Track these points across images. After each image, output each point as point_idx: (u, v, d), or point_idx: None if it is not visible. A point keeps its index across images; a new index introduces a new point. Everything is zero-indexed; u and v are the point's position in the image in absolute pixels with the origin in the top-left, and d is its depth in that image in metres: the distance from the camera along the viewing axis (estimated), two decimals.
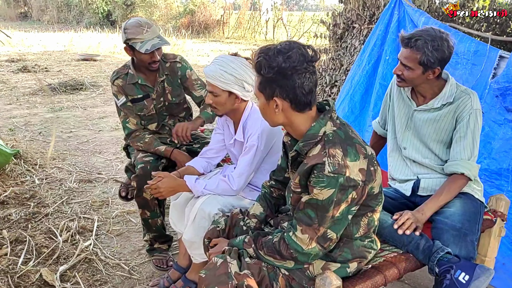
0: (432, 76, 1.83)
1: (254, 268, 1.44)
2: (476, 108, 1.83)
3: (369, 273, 1.52)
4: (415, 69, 1.81)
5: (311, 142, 1.35)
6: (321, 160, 1.29)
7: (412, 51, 1.79)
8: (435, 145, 1.94)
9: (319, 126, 1.36)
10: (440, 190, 1.84)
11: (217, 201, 1.92)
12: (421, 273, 2.41)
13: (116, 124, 5.38)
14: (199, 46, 13.72)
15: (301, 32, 16.84)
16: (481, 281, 1.48)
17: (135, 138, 2.46)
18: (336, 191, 1.28)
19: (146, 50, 2.26)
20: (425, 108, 1.93)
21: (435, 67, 1.79)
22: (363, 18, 4.56)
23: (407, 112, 2.01)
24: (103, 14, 20.14)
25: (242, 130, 1.97)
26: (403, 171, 2.07)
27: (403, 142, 2.03)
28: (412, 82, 1.87)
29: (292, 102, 1.34)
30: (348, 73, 3.96)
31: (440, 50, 1.76)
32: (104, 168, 3.96)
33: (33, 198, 3.19)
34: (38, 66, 9.09)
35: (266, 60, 1.30)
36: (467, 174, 1.81)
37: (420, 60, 1.78)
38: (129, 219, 3.02)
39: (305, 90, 1.31)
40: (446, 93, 1.87)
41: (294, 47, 1.30)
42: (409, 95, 1.99)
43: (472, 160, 1.84)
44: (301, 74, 1.30)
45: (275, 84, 1.32)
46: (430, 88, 1.90)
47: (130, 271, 2.42)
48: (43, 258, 2.44)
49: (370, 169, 1.35)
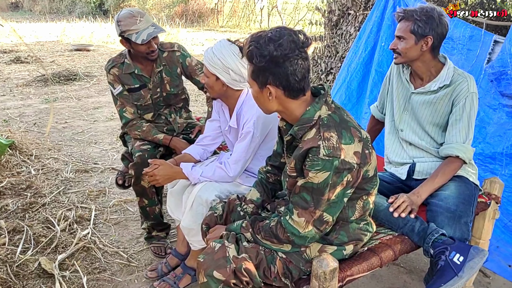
0: (425, 47, 1.84)
1: (251, 251, 1.46)
2: (473, 92, 1.84)
3: (365, 255, 1.54)
4: (407, 38, 1.84)
5: (306, 126, 1.36)
6: (316, 143, 1.30)
7: (404, 21, 1.85)
8: (431, 127, 1.95)
9: (314, 110, 1.36)
10: (435, 173, 1.86)
11: (214, 188, 1.93)
12: (416, 257, 2.44)
13: (112, 114, 5.36)
14: (193, 35, 13.60)
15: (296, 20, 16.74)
16: (475, 262, 1.50)
17: (132, 127, 2.46)
18: (331, 174, 1.29)
19: (142, 41, 2.23)
20: (422, 91, 1.94)
21: (427, 34, 1.81)
22: (358, 4, 4.54)
23: (405, 95, 2.03)
24: (95, 3, 19.89)
25: (236, 117, 1.97)
26: (399, 153, 2.09)
27: (400, 124, 2.05)
28: (406, 56, 1.88)
29: (285, 89, 1.34)
30: (344, 60, 3.96)
31: (430, 18, 1.80)
32: (100, 158, 3.95)
33: (29, 189, 3.18)
34: (31, 57, 8.99)
35: (258, 48, 1.30)
36: (462, 157, 1.83)
37: (411, 28, 1.82)
38: (127, 207, 3.03)
39: (297, 76, 1.31)
40: (444, 75, 1.88)
41: (285, 34, 1.29)
42: (407, 78, 2.01)
43: (467, 143, 1.86)
44: (293, 61, 1.29)
45: (267, 73, 1.32)
46: (427, 69, 1.91)
47: (129, 259, 2.44)
48: (41, 247, 2.45)
49: (365, 152, 1.36)
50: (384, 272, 2.33)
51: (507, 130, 2.64)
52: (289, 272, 1.46)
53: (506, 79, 2.61)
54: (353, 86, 3.59)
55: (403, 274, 2.34)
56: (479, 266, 1.50)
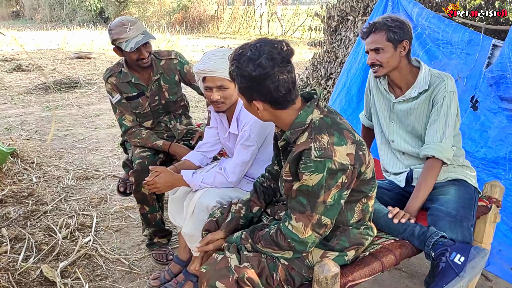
0: (403, 52, 1.85)
1: (253, 260, 1.46)
2: (450, 91, 1.84)
3: (366, 260, 1.54)
4: (385, 47, 1.84)
5: (299, 130, 1.38)
6: (308, 146, 1.31)
7: (376, 33, 1.86)
8: (420, 132, 1.95)
9: (305, 114, 1.38)
10: (418, 186, 1.84)
11: (215, 194, 1.93)
12: (418, 261, 2.44)
13: (112, 121, 5.38)
14: (193, 42, 13.66)
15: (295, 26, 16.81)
16: (477, 261, 1.50)
17: (132, 135, 2.47)
18: (324, 175, 1.29)
19: (131, 48, 2.24)
20: (403, 99, 1.95)
21: (403, 39, 1.83)
22: (357, 10, 4.56)
23: (388, 105, 2.04)
24: (96, 11, 20.01)
25: (236, 123, 1.97)
26: (394, 164, 2.09)
27: (390, 135, 2.05)
28: (388, 65, 1.87)
29: (271, 103, 1.36)
30: (343, 66, 3.97)
31: (402, 23, 1.83)
32: (101, 165, 3.96)
33: (31, 196, 3.19)
34: (32, 65, 9.04)
35: (238, 68, 1.32)
36: (438, 156, 1.81)
37: (387, 36, 1.83)
38: (128, 214, 3.03)
39: (281, 91, 1.32)
40: (421, 80, 1.89)
41: (264, 51, 1.29)
42: (386, 88, 2.02)
43: (444, 142, 1.83)
44: (274, 78, 1.30)
45: (251, 90, 1.34)
46: (403, 77, 1.92)
47: (130, 266, 2.43)
48: (43, 255, 2.45)
49: (359, 153, 1.36)
50: (386, 277, 2.33)
51: (508, 134, 2.63)
52: (292, 279, 1.46)
53: (506, 83, 2.61)
54: (353, 91, 3.59)
55: (405, 278, 2.34)
56: (481, 266, 1.50)
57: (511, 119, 2.69)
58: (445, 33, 3.07)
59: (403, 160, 2.05)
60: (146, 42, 2.29)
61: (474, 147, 2.80)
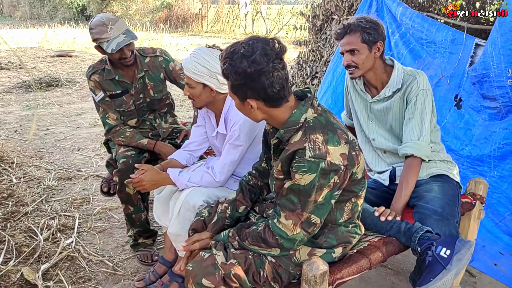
0: (378, 53, 1.86)
1: (240, 257, 1.44)
2: (423, 89, 1.86)
3: (354, 257, 1.54)
4: (360, 49, 1.85)
5: (292, 129, 1.36)
6: (302, 145, 1.30)
7: (351, 35, 1.86)
8: (398, 131, 1.97)
9: (300, 113, 1.36)
10: (400, 186, 1.85)
11: (201, 193, 1.90)
12: (403, 258, 2.46)
13: (95, 120, 5.28)
14: (177, 41, 13.55)
15: (280, 25, 16.84)
16: (463, 253, 1.51)
17: (116, 133, 2.42)
18: (317, 175, 1.29)
19: (112, 50, 2.19)
20: (379, 99, 1.97)
21: (377, 40, 1.84)
22: (342, 9, 4.59)
23: (365, 105, 2.05)
24: (78, 9, 19.67)
25: (224, 122, 1.95)
26: (377, 163, 2.11)
27: (370, 134, 2.07)
28: (364, 66, 1.88)
29: (265, 100, 1.34)
30: (328, 64, 3.98)
31: (376, 24, 1.84)
32: (84, 165, 3.88)
33: (11, 197, 3.10)
34: (11, 63, 8.82)
35: (232, 66, 1.29)
36: (417, 154, 1.83)
37: (362, 38, 1.83)
38: (111, 215, 2.98)
39: (275, 88, 1.31)
40: (395, 79, 1.90)
41: (258, 47, 1.28)
42: (362, 89, 2.03)
43: (422, 139, 1.85)
44: (268, 74, 1.29)
45: (245, 88, 1.32)
46: (378, 77, 1.94)
47: (114, 267, 2.39)
48: (23, 257, 2.38)
49: (352, 153, 1.36)
50: (372, 274, 2.34)
51: (492, 133, 2.68)
52: (279, 276, 1.45)
53: (488, 81, 2.65)
54: (339, 90, 3.61)
55: (391, 275, 2.35)
56: (467, 258, 1.51)
57: (493, 117, 2.74)
58: (429, 32, 3.10)
59: (385, 158, 2.07)
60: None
61: (459, 145, 2.84)
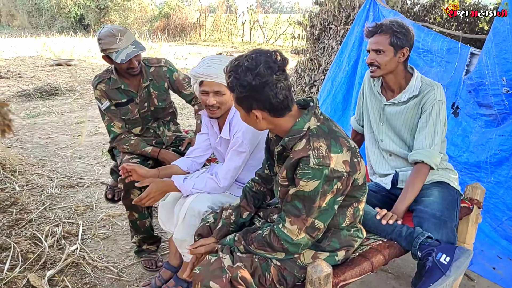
0: (402, 58, 1.92)
1: (246, 260, 1.49)
2: (439, 100, 1.92)
3: (356, 260, 1.59)
4: (386, 51, 1.90)
5: (296, 137, 1.42)
6: (306, 153, 1.36)
7: (381, 35, 1.91)
8: (406, 136, 2.03)
9: (303, 121, 1.42)
10: (406, 188, 1.91)
11: (206, 199, 1.94)
12: (403, 262, 2.50)
13: (96, 128, 5.32)
14: (176, 49, 13.65)
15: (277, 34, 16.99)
16: (461, 261, 1.56)
17: (121, 141, 2.47)
18: (321, 182, 1.34)
19: (121, 60, 2.26)
20: (394, 102, 2.02)
21: (404, 46, 1.90)
22: (339, 19, 4.67)
23: (379, 107, 2.11)
24: (76, 18, 19.77)
25: (229, 127, 2.00)
26: (381, 165, 2.16)
27: (379, 135, 2.12)
28: (386, 68, 1.94)
29: (270, 111, 1.40)
30: (326, 73, 4.05)
31: (407, 30, 1.90)
32: (86, 173, 3.92)
33: (15, 205, 3.13)
34: (10, 72, 8.87)
35: (237, 79, 1.36)
36: (427, 162, 1.89)
37: (390, 40, 1.89)
38: (115, 222, 3.01)
39: (279, 98, 1.37)
40: (412, 86, 1.96)
41: (261, 60, 1.34)
42: (379, 90, 2.09)
43: (433, 148, 1.91)
44: (272, 85, 1.35)
45: (250, 99, 1.38)
46: (397, 80, 2.00)
47: (119, 273, 2.42)
48: (29, 264, 2.41)
49: (354, 160, 1.41)
50: (373, 278, 2.38)
51: (488, 139, 2.74)
52: (284, 279, 1.49)
53: (484, 89, 2.72)
54: (339, 98, 3.68)
55: (391, 279, 2.39)
56: (465, 265, 1.57)
57: (489, 124, 2.81)
58: (425, 42, 3.18)
59: (389, 161, 2.12)
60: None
61: (457, 152, 2.90)
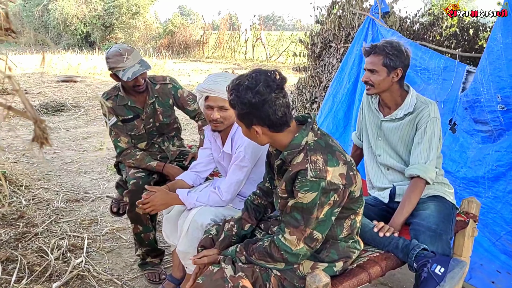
0: (396, 78, 2.01)
1: (247, 270, 1.55)
2: (434, 117, 2.00)
3: (354, 271, 1.64)
4: (380, 71, 2.00)
5: (295, 151, 1.50)
6: (304, 166, 1.43)
7: (375, 56, 2.01)
8: (402, 151, 2.11)
9: (301, 136, 1.50)
10: (403, 203, 1.97)
11: (209, 212, 2.01)
12: (402, 276, 2.54)
13: (100, 144, 5.41)
14: (179, 66, 13.86)
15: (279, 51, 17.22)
16: (456, 272, 1.62)
17: (126, 156, 2.55)
18: (318, 194, 1.41)
19: (127, 78, 2.36)
20: (390, 118, 2.11)
21: (397, 67, 1.98)
22: (339, 38, 4.79)
23: (376, 123, 2.19)
24: (82, 35, 20.13)
25: (231, 142, 2.07)
26: (379, 178, 2.23)
27: (377, 149, 2.20)
28: (379, 87, 2.03)
29: (269, 126, 1.49)
30: (327, 90, 4.14)
31: (400, 52, 1.98)
32: (91, 188, 3.99)
33: (21, 219, 3.20)
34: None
35: (238, 97, 1.45)
36: (422, 176, 1.95)
37: (383, 61, 1.98)
38: (119, 235, 3.07)
39: (278, 114, 1.46)
40: (407, 103, 2.05)
41: (260, 80, 1.44)
42: (376, 107, 2.18)
43: (428, 163, 1.98)
44: (271, 103, 1.44)
45: (250, 116, 1.48)
46: (393, 98, 2.09)
47: (123, 286, 2.47)
48: (35, 276, 2.46)
49: (350, 173, 1.49)
50: None
51: (485, 155, 2.79)
52: None
53: (480, 106, 2.79)
54: (340, 115, 3.76)
55: None
56: (459, 276, 1.62)
57: (486, 140, 2.87)
58: (423, 60, 3.27)
59: (387, 175, 2.18)
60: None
61: (455, 167, 2.96)
